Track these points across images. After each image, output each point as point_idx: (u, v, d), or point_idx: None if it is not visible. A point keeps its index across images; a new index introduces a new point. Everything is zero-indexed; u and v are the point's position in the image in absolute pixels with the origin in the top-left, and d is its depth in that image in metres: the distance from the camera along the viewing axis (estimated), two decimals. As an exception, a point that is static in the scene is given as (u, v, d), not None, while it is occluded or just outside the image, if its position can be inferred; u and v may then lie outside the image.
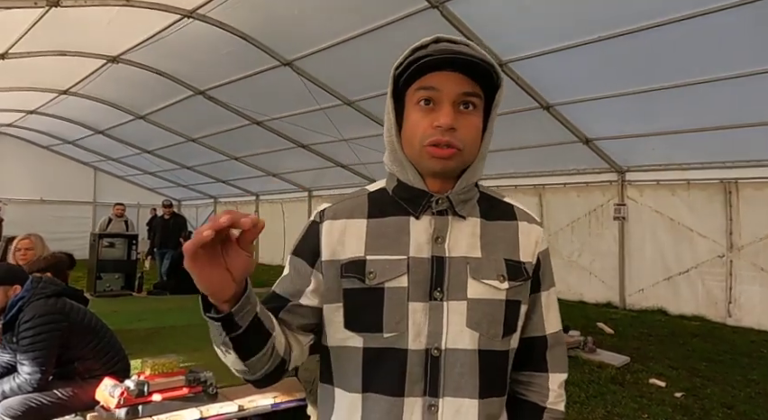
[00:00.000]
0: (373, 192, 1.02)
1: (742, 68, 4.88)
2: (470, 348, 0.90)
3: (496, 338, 0.93)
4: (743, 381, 4.40)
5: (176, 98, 8.69)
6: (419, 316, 0.90)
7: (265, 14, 5.93)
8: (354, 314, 0.92)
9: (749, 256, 6.43)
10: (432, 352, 0.89)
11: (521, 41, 5.43)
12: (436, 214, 0.95)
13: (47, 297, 2.75)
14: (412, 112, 0.93)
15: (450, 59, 0.88)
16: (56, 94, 9.20)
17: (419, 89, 0.91)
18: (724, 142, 6.15)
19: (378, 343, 0.90)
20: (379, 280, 0.91)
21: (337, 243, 0.95)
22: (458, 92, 0.90)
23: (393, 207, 0.97)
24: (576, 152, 7.35)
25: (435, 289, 0.91)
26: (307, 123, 8.30)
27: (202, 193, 15.66)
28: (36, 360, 2.61)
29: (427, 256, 0.92)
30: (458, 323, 0.90)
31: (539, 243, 1.02)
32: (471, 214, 0.97)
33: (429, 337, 0.89)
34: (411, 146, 0.93)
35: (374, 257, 0.92)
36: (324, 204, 1.02)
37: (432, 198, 0.95)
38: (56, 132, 12.65)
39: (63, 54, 7.06)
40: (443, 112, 0.89)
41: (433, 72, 0.90)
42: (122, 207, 9.55)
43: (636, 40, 4.88)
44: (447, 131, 0.89)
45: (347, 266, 0.93)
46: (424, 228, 0.94)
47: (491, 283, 0.93)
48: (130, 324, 5.80)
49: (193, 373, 2.91)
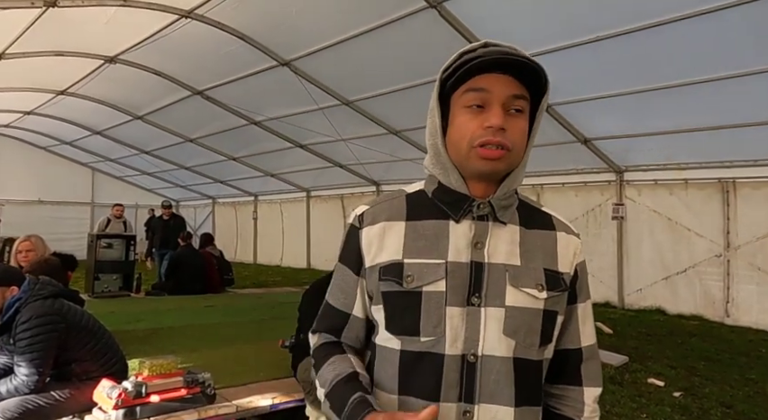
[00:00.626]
0: (411, 194, 1.02)
1: (739, 68, 4.90)
2: (506, 355, 0.90)
3: (532, 347, 0.92)
4: (741, 380, 4.40)
5: (174, 98, 8.68)
6: (456, 321, 0.89)
7: (263, 14, 5.93)
8: (393, 316, 0.93)
9: (746, 255, 6.44)
10: (468, 358, 0.89)
11: (519, 40, 5.31)
12: (477, 219, 0.94)
13: (44, 299, 2.74)
14: (459, 114, 0.93)
15: (500, 60, 0.88)
16: (53, 94, 9.18)
17: (468, 91, 0.91)
18: (721, 142, 6.17)
19: (415, 347, 0.91)
20: (416, 284, 0.91)
21: (377, 248, 0.96)
22: (508, 94, 0.90)
23: (432, 210, 0.97)
24: (574, 152, 7.36)
25: (473, 295, 0.90)
26: (306, 122, 8.30)
27: (200, 193, 15.64)
28: (33, 361, 2.59)
29: (466, 261, 0.92)
30: (495, 329, 0.90)
31: (577, 255, 1.02)
32: (511, 220, 0.97)
33: (466, 343, 0.89)
34: (458, 148, 0.93)
35: (412, 260, 0.92)
36: (361, 206, 1.03)
37: (473, 203, 0.94)
38: (54, 133, 12.62)
39: (60, 54, 7.04)
40: (494, 112, 0.89)
41: (482, 74, 0.90)
42: (121, 208, 9.55)
43: (634, 40, 4.89)
44: (498, 131, 0.89)
45: (385, 269, 0.94)
46: (463, 232, 0.93)
47: (530, 292, 0.92)
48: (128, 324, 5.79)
49: (191, 374, 2.90)
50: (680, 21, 4.52)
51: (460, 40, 5.28)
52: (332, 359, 0.99)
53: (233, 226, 15.17)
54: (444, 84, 0.94)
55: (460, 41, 5.32)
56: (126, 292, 8.36)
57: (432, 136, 0.97)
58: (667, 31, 4.67)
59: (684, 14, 4.46)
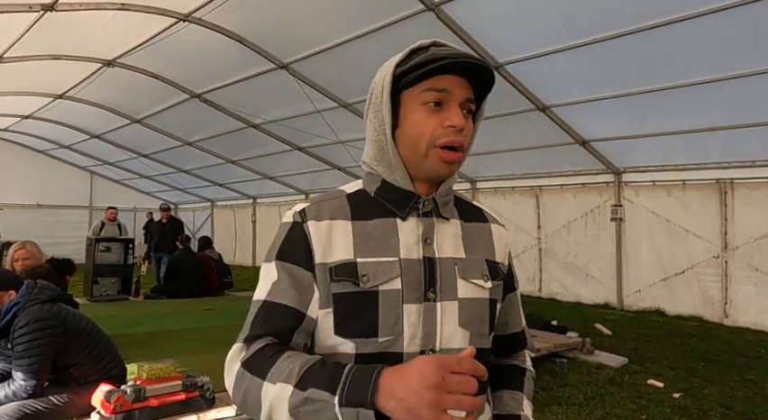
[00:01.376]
0: (352, 193, 0.99)
1: (736, 69, 4.92)
2: (462, 347, 0.90)
3: (483, 336, 0.95)
4: (740, 381, 4.41)
5: (172, 102, 8.68)
6: (414, 318, 0.89)
7: (261, 17, 5.94)
8: (345, 319, 0.89)
9: (744, 256, 6.45)
10: (426, 354, 0.88)
11: (517, 42, 5.45)
12: (422, 216, 0.95)
13: (42, 303, 2.74)
14: (415, 111, 0.92)
15: (463, 64, 0.89)
16: (51, 98, 9.18)
17: (429, 90, 0.90)
18: (719, 143, 6.19)
19: (371, 349, 0.87)
20: (373, 283, 0.89)
21: (326, 245, 0.91)
22: (464, 96, 0.91)
23: (377, 209, 0.95)
24: (572, 154, 7.37)
25: (429, 290, 0.90)
26: (304, 125, 8.30)
27: (199, 196, 15.63)
28: (31, 366, 2.59)
29: (418, 257, 0.92)
30: (451, 322, 0.91)
31: (508, 245, 1.07)
32: (452, 215, 0.99)
33: (424, 339, 0.89)
34: (415, 147, 0.92)
35: (365, 259, 0.90)
36: (299, 204, 0.97)
37: (419, 200, 0.95)
38: (52, 137, 12.60)
39: (58, 58, 7.04)
40: (455, 112, 0.90)
41: (442, 75, 0.90)
42: (114, 211, 9.54)
43: (631, 42, 4.91)
44: (459, 131, 0.90)
45: (337, 269, 0.90)
46: (411, 229, 0.94)
47: (478, 282, 0.95)
48: (126, 328, 5.78)
49: (190, 378, 2.90)
50: (676, 23, 4.54)
51: (458, 42, 5.29)
52: (286, 354, 0.82)
53: (232, 229, 15.16)
54: (398, 80, 0.92)
55: (458, 43, 5.33)
56: (125, 295, 8.36)
57: (377, 132, 0.95)
58: (664, 33, 4.69)
59: (681, 17, 4.48)
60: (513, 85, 6.00)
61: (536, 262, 8.57)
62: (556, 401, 3.91)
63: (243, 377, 0.83)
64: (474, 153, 7.97)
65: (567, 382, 4.33)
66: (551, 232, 8.42)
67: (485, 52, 5.56)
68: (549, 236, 8.44)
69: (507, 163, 8.37)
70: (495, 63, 5.68)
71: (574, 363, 4.85)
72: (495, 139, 7.42)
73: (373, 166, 0.98)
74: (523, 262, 8.56)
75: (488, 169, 8.88)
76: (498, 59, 5.66)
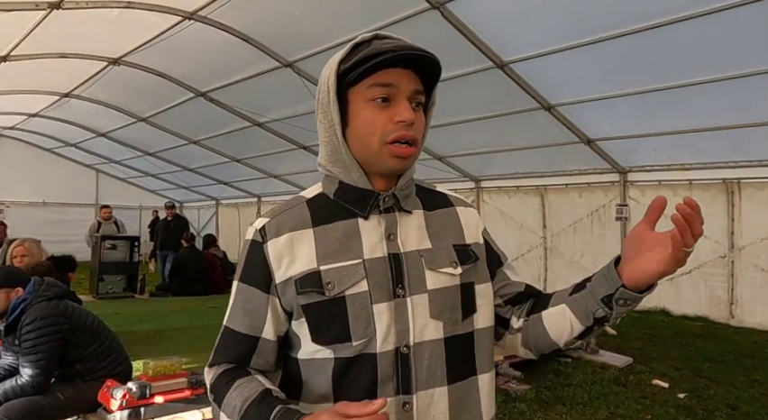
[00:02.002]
0: (311, 199, 0.98)
1: (744, 68, 4.87)
2: (436, 338, 0.91)
3: (457, 323, 0.93)
4: (746, 382, 4.38)
5: (177, 100, 8.70)
6: (385, 317, 0.88)
7: (265, 16, 5.94)
8: (318, 328, 0.89)
9: (751, 256, 6.41)
10: (401, 350, 0.88)
11: (522, 41, 5.43)
12: (384, 212, 0.94)
13: (49, 300, 2.76)
14: (363, 108, 0.90)
15: (407, 56, 0.87)
16: (58, 97, 9.22)
17: (374, 86, 0.89)
18: (726, 142, 6.14)
19: (348, 352, 0.88)
20: (338, 290, 0.88)
21: (287, 260, 0.91)
22: (412, 89, 0.90)
23: (337, 211, 0.94)
24: (578, 153, 7.34)
25: (397, 286, 0.90)
26: (308, 124, 8.30)
27: (204, 195, 15.68)
28: (38, 362, 2.61)
29: (383, 254, 0.91)
30: (422, 315, 0.90)
31: (479, 224, 1.05)
32: (415, 207, 0.98)
33: (397, 336, 0.88)
34: (367, 145, 0.91)
35: (328, 266, 0.90)
36: (260, 219, 0.97)
37: (379, 197, 0.94)
38: (58, 135, 12.67)
39: (64, 56, 7.07)
40: (403, 106, 0.89)
41: (387, 69, 0.88)
42: (108, 210, 9.52)
43: (637, 40, 4.88)
44: (409, 125, 0.89)
45: (302, 281, 0.90)
46: (374, 227, 0.93)
47: (447, 271, 0.94)
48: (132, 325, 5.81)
49: (195, 375, 2.91)
50: (683, 21, 4.51)
51: (463, 41, 5.28)
52: (236, 383, 0.89)
53: (236, 227, 15.21)
54: (343, 78, 0.91)
55: (462, 42, 5.32)
56: (130, 293, 8.40)
57: (328, 133, 0.94)
58: (670, 31, 4.66)
59: (687, 15, 4.44)
60: (518, 84, 5.97)
61: (542, 262, 8.55)
62: (560, 400, 3.91)
63: (212, 402, 0.93)
64: (479, 152, 7.98)
65: (571, 382, 4.32)
66: (556, 231, 8.39)
67: (490, 51, 5.54)
68: (555, 235, 8.42)
69: (512, 162, 8.34)
70: (500, 62, 5.66)
71: (579, 363, 4.83)
72: (500, 138, 7.40)
73: (328, 167, 0.97)
74: (528, 262, 8.54)
75: (492, 169, 8.86)
76: (503, 58, 5.64)
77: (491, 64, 5.65)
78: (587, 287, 0.93)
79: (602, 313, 0.90)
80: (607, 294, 0.88)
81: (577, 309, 0.93)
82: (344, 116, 0.93)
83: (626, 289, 0.87)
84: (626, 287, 0.87)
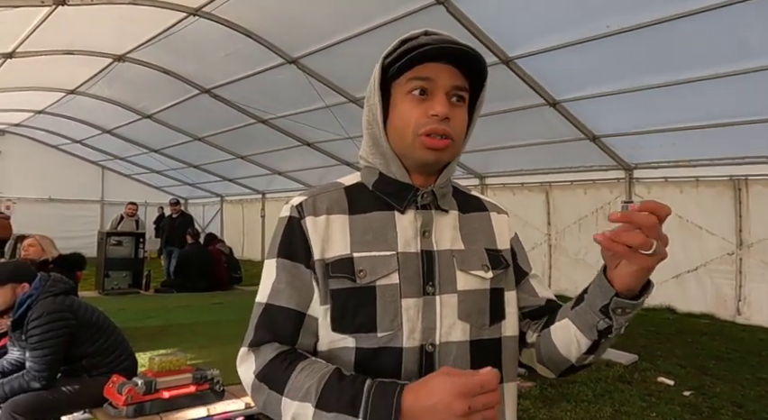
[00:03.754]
0: (350, 186, 0.98)
1: (752, 63, 4.82)
2: (462, 340, 0.90)
3: (484, 328, 0.92)
4: (752, 380, 4.36)
5: (182, 97, 8.71)
6: (412, 313, 0.88)
7: (270, 12, 5.94)
8: (343, 315, 0.88)
9: (759, 253, 6.36)
10: (426, 348, 0.88)
11: (527, 37, 5.40)
12: (420, 209, 0.94)
13: (55, 295, 2.77)
14: (402, 101, 0.91)
15: (445, 49, 0.87)
16: (63, 93, 9.25)
17: (413, 79, 0.90)
18: (733, 139, 6.08)
19: (371, 343, 0.87)
20: (370, 279, 0.88)
21: (323, 241, 0.91)
22: (451, 84, 0.90)
23: (375, 202, 0.94)
24: (583, 149, 7.30)
25: (428, 284, 0.90)
26: (313, 120, 8.30)
27: (208, 191, 15.72)
28: (45, 357, 2.62)
29: (416, 250, 0.91)
30: (450, 315, 0.90)
31: (511, 230, 1.05)
32: (451, 207, 0.98)
33: (423, 333, 0.88)
34: (402, 137, 0.91)
35: (362, 254, 0.89)
36: (296, 197, 0.96)
37: (417, 192, 0.93)
38: (64, 132, 12.72)
39: (70, 53, 7.09)
40: (438, 100, 0.88)
41: (426, 63, 0.89)
42: (134, 207, 9.67)
43: (644, 35, 4.84)
44: (443, 120, 0.88)
45: (334, 265, 0.89)
46: (410, 222, 0.93)
47: (478, 273, 0.93)
48: (137, 321, 5.84)
49: (200, 371, 2.92)
50: (690, 16, 4.46)
51: (468, 36, 5.25)
52: (299, 366, 0.82)
53: (241, 224, 15.25)
54: (386, 71, 0.92)
55: (468, 37, 5.29)
56: (136, 289, 8.45)
57: (370, 125, 0.95)
58: (677, 26, 4.61)
59: (694, 9, 4.40)
60: (523, 79, 5.94)
61: (546, 259, 8.53)
62: (565, 398, 3.90)
63: (261, 388, 0.84)
64: (483, 149, 7.94)
65: (576, 379, 4.31)
66: (561, 228, 8.35)
67: (495, 46, 5.51)
68: (559, 232, 8.39)
69: (517, 159, 8.30)
70: (505, 57, 5.63)
71: (583, 360, 4.82)
72: (504, 134, 7.36)
73: (369, 159, 0.98)
74: (532, 258, 8.26)
75: (497, 165, 8.83)
76: (508, 54, 5.61)
77: (496, 60, 5.62)
78: (585, 299, 0.88)
79: (604, 325, 0.86)
80: (603, 304, 0.84)
81: (580, 323, 0.89)
82: (386, 109, 0.94)
83: (620, 298, 0.83)
84: (619, 295, 0.83)
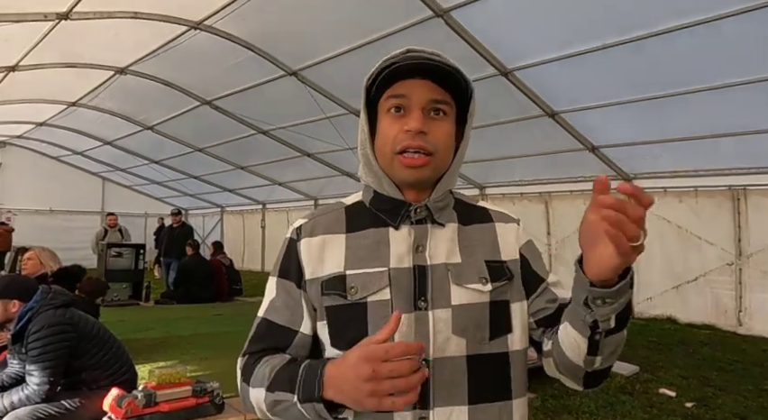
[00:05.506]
0: (350, 206, 1.02)
1: (749, 75, 4.87)
2: (457, 355, 0.89)
3: (483, 342, 0.91)
4: (755, 391, 4.33)
5: (183, 109, 8.77)
6: (405, 328, 0.87)
7: (270, 25, 6.00)
8: (338, 331, 0.90)
9: (758, 264, 6.36)
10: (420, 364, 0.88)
11: (526, 49, 5.45)
12: (415, 224, 0.94)
13: (56, 308, 2.77)
14: (383, 120, 0.94)
15: (417, 65, 0.89)
16: (65, 105, 9.32)
17: (389, 97, 0.92)
18: (731, 149, 6.12)
19: None
20: (361, 295, 0.89)
21: (317, 261, 0.94)
22: (427, 98, 0.91)
23: (371, 219, 0.96)
24: (582, 160, 7.33)
25: (420, 299, 0.89)
26: (313, 132, 8.35)
27: (209, 202, 15.75)
28: (44, 370, 2.62)
29: (408, 266, 0.91)
30: (444, 330, 0.89)
31: (519, 239, 1.01)
32: (449, 220, 0.97)
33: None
34: (383, 156, 0.94)
35: (354, 271, 0.91)
36: (299, 219, 1.01)
37: (410, 208, 0.94)
38: (65, 143, 12.78)
39: (72, 66, 7.16)
40: (413, 116, 0.90)
41: (402, 80, 0.91)
42: (114, 218, 9.67)
43: (642, 47, 4.88)
44: (417, 135, 0.89)
45: (327, 283, 0.92)
46: (403, 238, 0.93)
47: (474, 287, 0.92)
48: (137, 333, 5.82)
49: (200, 383, 2.91)
50: (687, 28, 4.51)
51: (467, 48, 5.30)
52: (264, 359, 0.91)
53: (241, 235, 15.24)
54: (369, 92, 0.95)
55: (467, 49, 5.34)
56: (136, 301, 8.42)
57: (362, 145, 0.98)
58: (675, 38, 4.66)
59: (691, 22, 4.45)
60: (522, 91, 5.98)
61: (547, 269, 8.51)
62: (566, 410, 3.87)
63: (240, 385, 0.93)
64: (483, 159, 7.97)
65: (577, 391, 4.28)
66: (561, 238, 8.36)
67: (494, 59, 5.56)
68: (559, 242, 8.39)
69: (517, 169, 8.34)
70: (504, 69, 5.68)
71: (585, 371, 4.79)
72: (504, 145, 7.40)
73: (364, 178, 1.00)
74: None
75: (497, 175, 8.86)
76: (507, 66, 5.66)
77: (495, 71, 5.67)
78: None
79: (590, 318, 0.80)
80: (584, 297, 0.79)
81: (573, 321, 0.86)
82: (374, 129, 0.96)
83: (596, 287, 0.77)
84: (595, 285, 0.77)
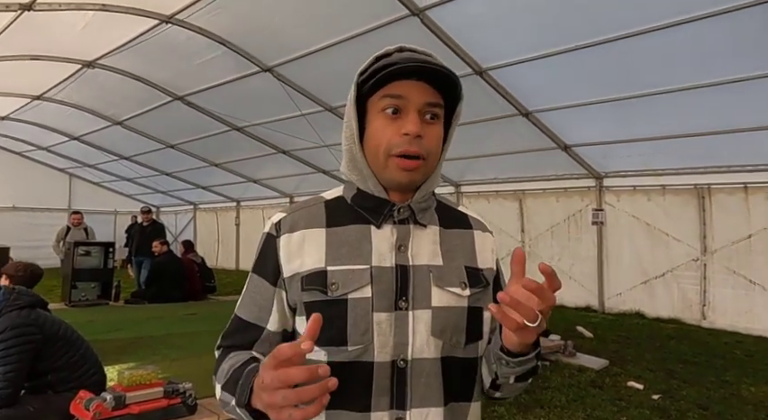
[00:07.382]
0: (330, 200, 0.99)
1: (716, 76, 5.03)
2: (434, 357, 0.90)
3: (458, 346, 0.92)
4: (717, 382, 4.50)
5: (154, 104, 8.57)
6: (384, 327, 0.87)
7: (245, 21, 5.90)
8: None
9: (722, 259, 6.60)
10: (398, 364, 0.88)
11: (500, 48, 5.50)
12: (398, 223, 0.94)
13: (20, 309, 2.68)
14: (375, 119, 0.91)
15: (417, 68, 0.88)
16: (29, 99, 8.99)
17: (385, 97, 0.90)
18: (697, 149, 6.32)
19: (342, 357, 0.87)
20: (342, 291, 0.88)
21: (296, 256, 0.92)
22: (423, 101, 0.89)
23: (352, 216, 0.95)
24: (555, 158, 7.47)
25: (401, 299, 0.89)
26: (288, 128, 8.27)
27: (181, 199, 15.45)
28: (6, 373, 2.53)
29: (390, 265, 0.90)
30: (423, 332, 0.89)
31: (494, 251, 1.03)
32: (431, 222, 0.97)
33: (395, 348, 0.88)
34: (375, 155, 0.91)
35: (335, 268, 0.90)
36: (278, 214, 0.98)
37: (394, 207, 0.93)
38: (29, 138, 12.33)
39: (37, 58, 6.91)
40: (410, 119, 0.88)
41: (399, 80, 0.89)
42: (78, 216, 9.29)
43: (614, 48, 4.99)
44: (415, 139, 0.88)
45: (308, 278, 0.90)
46: (386, 237, 0.93)
47: (454, 290, 0.92)
48: (106, 334, 5.67)
49: (172, 384, 2.85)
50: (657, 31, 4.63)
51: (442, 47, 5.33)
52: (230, 355, 0.92)
53: (215, 232, 15.02)
54: (360, 88, 0.93)
55: (442, 49, 5.36)
56: (105, 300, 8.19)
57: (348, 141, 0.95)
58: (645, 40, 4.78)
59: (661, 24, 4.57)
60: (496, 90, 6.05)
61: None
62: (538, 404, 3.95)
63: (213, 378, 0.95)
64: (458, 157, 8.04)
65: (549, 385, 4.37)
66: (534, 235, 8.50)
67: (469, 58, 5.61)
68: (533, 239, 8.53)
69: (491, 167, 8.44)
70: (479, 69, 5.73)
71: (556, 366, 4.90)
72: (479, 143, 7.47)
73: (347, 174, 0.98)
74: (506, 266, 8.50)
75: (472, 173, 8.95)
76: (481, 65, 5.72)
77: (470, 71, 5.72)
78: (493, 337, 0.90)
79: (494, 368, 0.89)
80: (496, 350, 0.86)
81: (487, 356, 0.92)
82: (363, 125, 0.94)
83: (503, 353, 0.84)
84: (503, 350, 0.83)
